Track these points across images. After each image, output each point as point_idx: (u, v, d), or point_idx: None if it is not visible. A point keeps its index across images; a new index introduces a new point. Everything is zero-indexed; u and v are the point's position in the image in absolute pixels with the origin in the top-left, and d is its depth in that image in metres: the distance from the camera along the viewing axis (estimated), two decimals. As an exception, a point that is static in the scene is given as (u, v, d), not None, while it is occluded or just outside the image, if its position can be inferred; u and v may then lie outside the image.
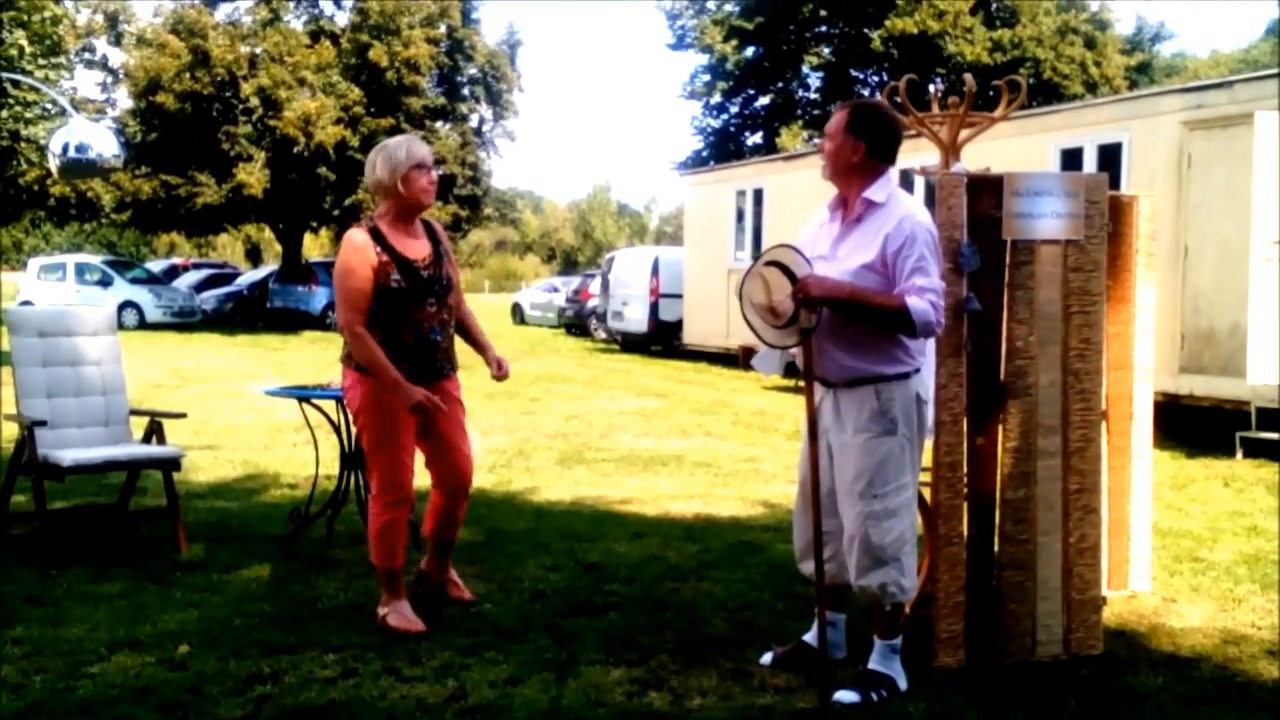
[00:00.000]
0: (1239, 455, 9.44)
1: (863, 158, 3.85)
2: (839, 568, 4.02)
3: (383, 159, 4.52)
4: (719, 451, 9.54)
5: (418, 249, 4.58)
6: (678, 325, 20.21)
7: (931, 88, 5.15)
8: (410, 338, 4.51)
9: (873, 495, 3.84)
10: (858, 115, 3.89)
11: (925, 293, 3.73)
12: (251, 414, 11.12)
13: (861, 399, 3.86)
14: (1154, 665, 4.28)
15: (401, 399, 4.40)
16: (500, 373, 4.84)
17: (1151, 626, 4.78)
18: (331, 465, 6.02)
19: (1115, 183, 10.18)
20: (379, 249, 4.47)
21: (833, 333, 3.87)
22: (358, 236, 4.50)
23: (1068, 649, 4.37)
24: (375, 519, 4.59)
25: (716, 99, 34.72)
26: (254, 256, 58.91)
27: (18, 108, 19.70)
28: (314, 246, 47.84)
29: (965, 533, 4.35)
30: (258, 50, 27.88)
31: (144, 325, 26.84)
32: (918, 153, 5.16)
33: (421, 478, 4.76)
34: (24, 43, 18.47)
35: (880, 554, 3.85)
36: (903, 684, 3.93)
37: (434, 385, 4.61)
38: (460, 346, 4.86)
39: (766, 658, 4.19)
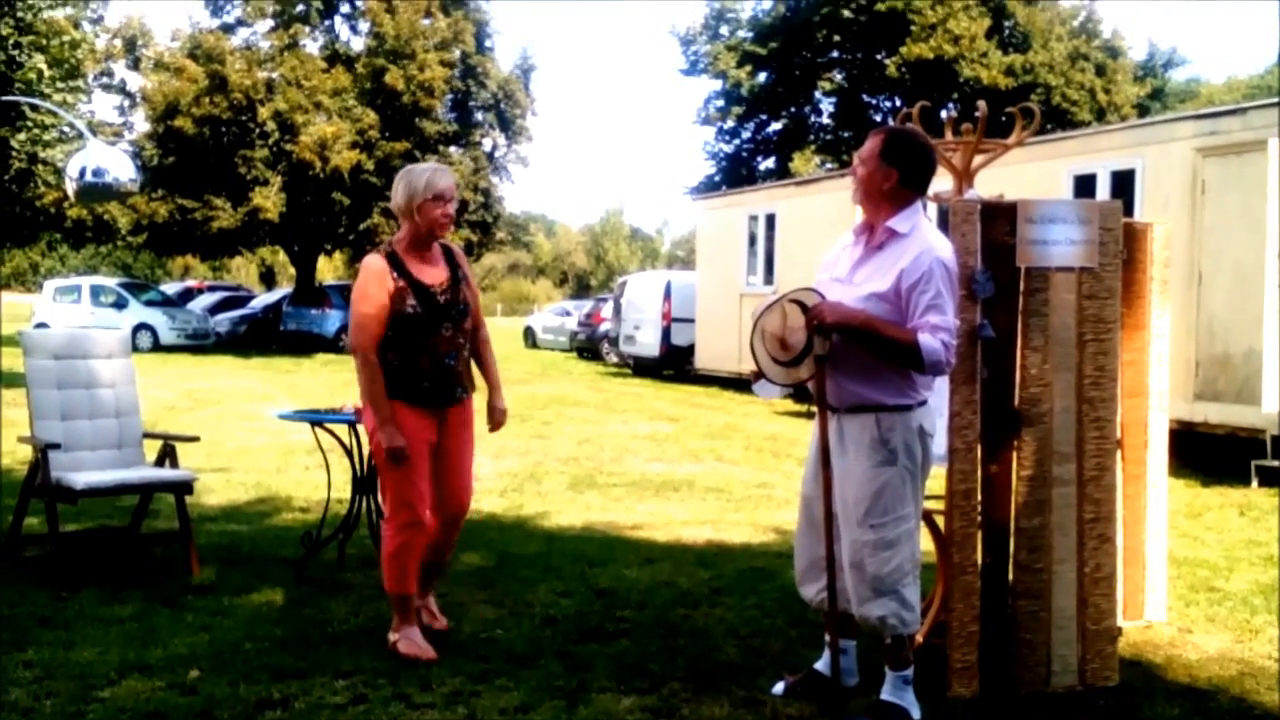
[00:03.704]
0: (1254, 484, 9.37)
1: (894, 185, 3.85)
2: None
3: (404, 185, 4.55)
4: (731, 477, 9.52)
5: (434, 274, 4.61)
6: (690, 349, 20.21)
7: (944, 113, 5.14)
8: (426, 362, 4.54)
9: (870, 525, 3.82)
10: (892, 142, 3.88)
11: (939, 331, 3.71)
12: (264, 437, 11.14)
13: (862, 426, 3.85)
14: (1170, 696, 4.23)
15: (383, 437, 4.42)
16: (493, 425, 4.84)
17: (1167, 657, 4.73)
18: (343, 489, 6.02)
19: (1129, 209, 10.16)
20: (395, 275, 4.51)
21: (840, 358, 3.86)
22: (375, 262, 4.54)
23: (1083, 680, 4.33)
24: (388, 542, 4.58)
25: (729, 124, 34.81)
26: (268, 279, 59.19)
27: (36, 131, 19.89)
28: (328, 270, 48.07)
29: (979, 561, 4.32)
30: (275, 75, 28.12)
31: (158, 347, 26.94)
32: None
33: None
34: (43, 66, 18.67)
35: (878, 585, 3.83)
36: (916, 714, 3.90)
37: (449, 409, 4.64)
38: (476, 372, 4.87)
39: (778, 687, 4.16)
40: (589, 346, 28.09)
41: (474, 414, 4.79)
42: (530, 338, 35.31)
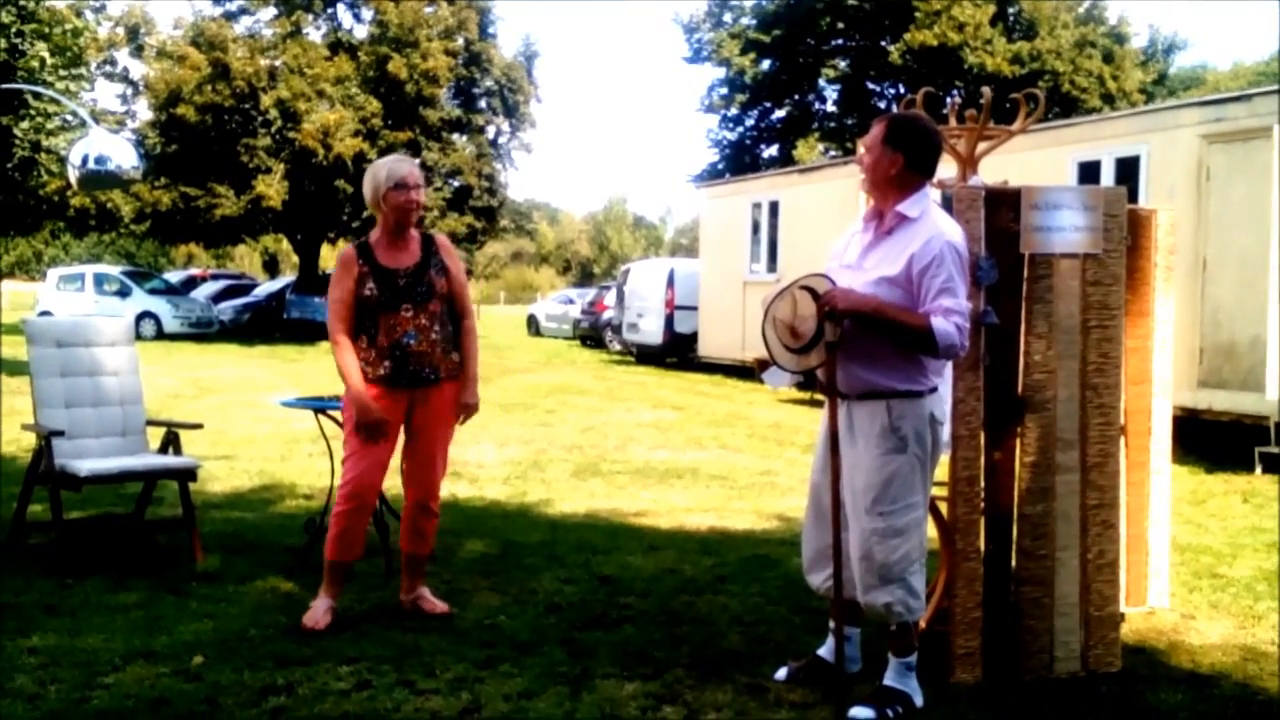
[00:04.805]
0: (1258, 470, 9.37)
1: (901, 170, 3.84)
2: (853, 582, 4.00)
3: (369, 179, 4.77)
4: (734, 464, 9.52)
5: (402, 259, 4.76)
6: (693, 337, 20.20)
7: (949, 100, 5.13)
8: (385, 341, 4.69)
9: (879, 512, 3.82)
10: (896, 127, 3.88)
11: (951, 315, 3.70)
12: (268, 425, 11.15)
13: (873, 413, 3.84)
14: (1173, 683, 4.24)
15: (356, 411, 4.65)
16: (459, 419, 4.88)
17: (1170, 643, 4.74)
18: (347, 476, 6.01)
19: (1134, 196, 10.14)
20: (361, 261, 4.72)
21: (850, 345, 3.85)
22: (346, 251, 4.80)
23: (1086, 666, 4.34)
24: (334, 511, 4.79)
25: (733, 112, 34.72)
26: (271, 267, 59.20)
27: (39, 119, 19.85)
28: (331, 257, 47.92)
29: (982, 548, 4.32)
30: (277, 63, 28.06)
31: (162, 336, 26.96)
32: (935, 166, 5.14)
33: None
34: (45, 55, 18.64)
35: (885, 573, 3.83)
36: (919, 700, 3.90)
37: (419, 391, 4.73)
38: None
39: (781, 673, 4.16)
40: (592, 334, 28.09)
41: (451, 403, 4.84)
42: (533, 326, 35.31)
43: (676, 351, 21.05)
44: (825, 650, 4.20)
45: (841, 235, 4.15)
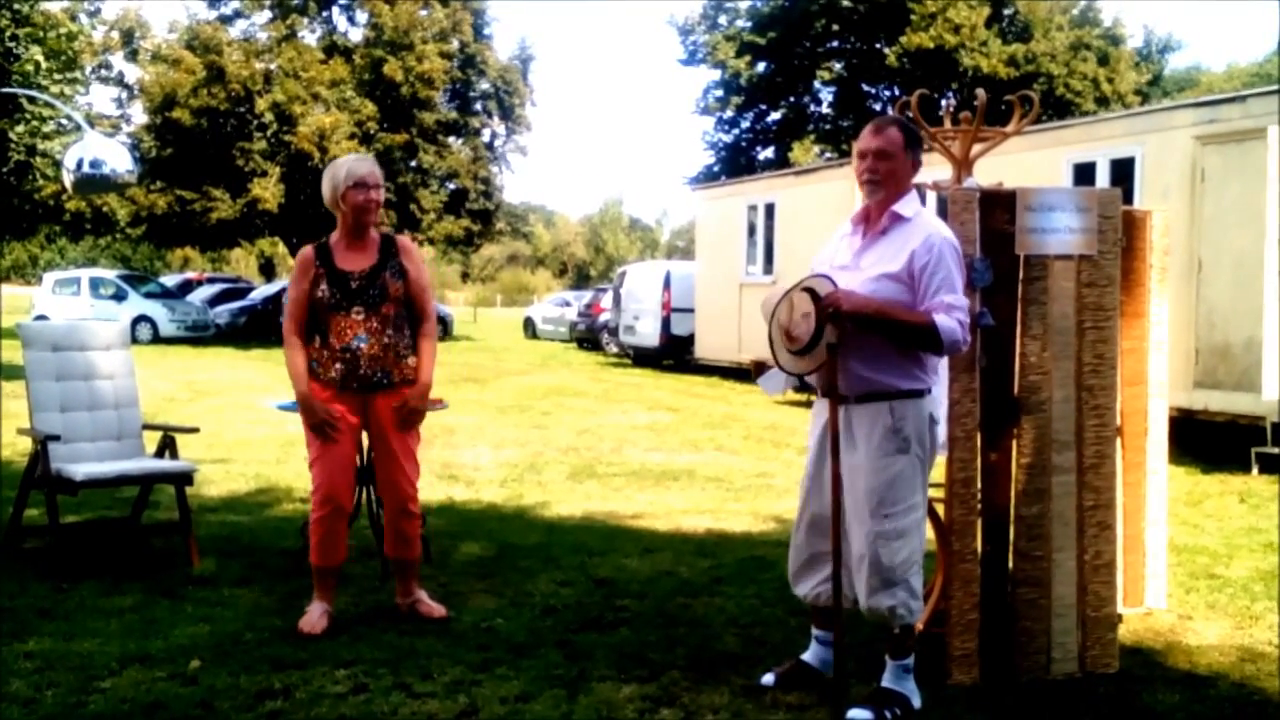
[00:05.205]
0: (1254, 471, 9.38)
1: (913, 172, 3.90)
2: (849, 587, 3.98)
3: (327, 178, 4.75)
4: (731, 466, 9.52)
5: (358, 262, 4.73)
6: (689, 339, 20.21)
7: (944, 102, 5.14)
8: (337, 343, 4.69)
9: (883, 515, 3.81)
10: (911, 134, 3.92)
11: (953, 311, 3.72)
12: (264, 428, 11.14)
13: (875, 415, 3.84)
14: (1170, 683, 4.24)
15: (304, 412, 4.68)
16: (396, 422, 4.74)
17: (1167, 644, 4.74)
18: (343, 480, 6.00)
19: (1128, 197, 10.15)
20: (318, 262, 4.72)
21: (851, 345, 3.85)
22: (305, 252, 4.79)
23: (1083, 667, 4.34)
24: (311, 519, 4.80)
25: (729, 114, 34.75)
26: (267, 271, 59.05)
27: (34, 123, 19.86)
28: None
29: (979, 549, 4.33)
30: (273, 66, 28.08)
31: (158, 339, 26.93)
32: (930, 168, 5.14)
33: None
34: (40, 58, 18.65)
35: (889, 575, 3.82)
36: (916, 702, 3.90)
37: (373, 396, 4.72)
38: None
39: (768, 678, 4.13)
40: (589, 337, 28.08)
41: (404, 407, 4.80)
42: (530, 328, 35.30)
43: (673, 353, 21.06)
44: (809, 655, 4.19)
45: (826, 245, 4.15)
